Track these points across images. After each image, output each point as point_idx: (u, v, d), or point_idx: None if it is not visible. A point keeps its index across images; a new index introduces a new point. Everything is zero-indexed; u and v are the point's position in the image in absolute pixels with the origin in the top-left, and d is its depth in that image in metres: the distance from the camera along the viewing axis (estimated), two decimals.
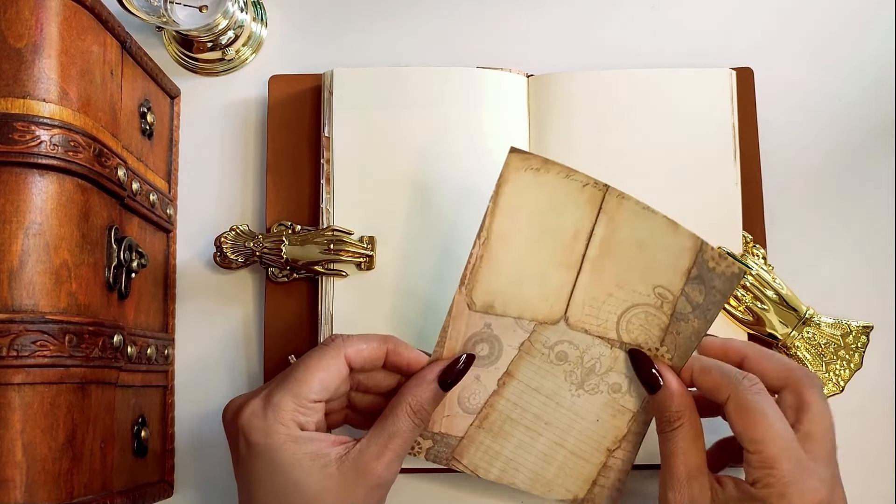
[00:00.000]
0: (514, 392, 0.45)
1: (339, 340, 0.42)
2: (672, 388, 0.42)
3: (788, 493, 0.38)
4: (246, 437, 0.39)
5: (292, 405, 0.39)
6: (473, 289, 0.43)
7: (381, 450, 0.40)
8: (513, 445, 0.45)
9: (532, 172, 0.41)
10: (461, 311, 0.43)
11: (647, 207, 0.41)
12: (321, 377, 0.40)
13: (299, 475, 0.38)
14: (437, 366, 0.42)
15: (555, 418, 0.45)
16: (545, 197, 0.41)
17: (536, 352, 0.44)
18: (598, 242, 0.42)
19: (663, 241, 0.41)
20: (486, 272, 0.42)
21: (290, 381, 0.40)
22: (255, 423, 0.39)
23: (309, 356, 0.41)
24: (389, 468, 0.40)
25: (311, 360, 0.41)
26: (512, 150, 0.41)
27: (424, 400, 0.41)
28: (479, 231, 0.42)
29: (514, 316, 0.43)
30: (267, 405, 0.39)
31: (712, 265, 0.40)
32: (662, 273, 0.42)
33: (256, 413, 0.39)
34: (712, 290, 0.41)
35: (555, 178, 0.41)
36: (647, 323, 0.43)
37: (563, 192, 0.41)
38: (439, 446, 0.45)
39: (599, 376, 0.44)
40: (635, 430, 0.45)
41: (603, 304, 0.43)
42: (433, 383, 0.42)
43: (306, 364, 0.40)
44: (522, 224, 0.42)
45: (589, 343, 0.44)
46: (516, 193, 0.41)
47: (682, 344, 0.42)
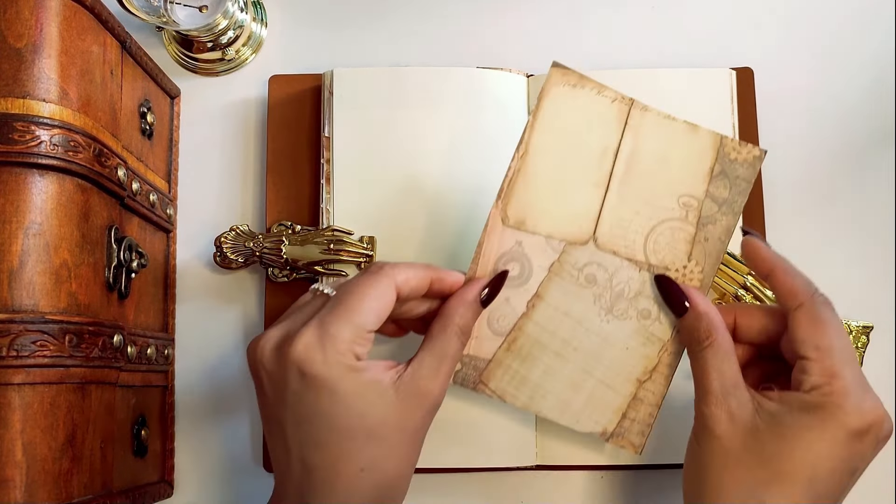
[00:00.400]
0: (544, 315, 0.44)
1: (389, 268, 0.40)
2: (699, 309, 0.41)
3: (847, 405, 0.37)
4: (302, 369, 0.37)
5: (350, 336, 0.37)
6: (509, 203, 0.44)
7: (435, 372, 0.39)
8: (540, 371, 0.45)
9: (569, 87, 0.43)
10: (495, 226, 0.44)
11: (668, 116, 0.43)
12: (376, 307, 0.38)
13: (362, 405, 0.37)
14: (476, 285, 0.42)
15: (584, 344, 0.44)
16: (579, 112, 0.44)
17: (566, 273, 0.44)
18: (624, 158, 0.44)
19: (686, 145, 0.43)
20: (522, 186, 0.44)
21: (343, 310, 0.38)
22: (312, 355, 0.37)
23: (359, 284, 0.39)
24: (443, 389, 0.40)
25: (363, 288, 0.38)
26: (554, 64, 0.43)
27: (469, 319, 0.41)
28: (518, 145, 0.43)
29: (544, 234, 0.44)
30: (324, 336, 0.37)
31: (734, 156, 0.43)
32: (686, 180, 0.43)
33: (312, 345, 0.37)
34: (737, 180, 0.43)
35: (588, 94, 0.43)
36: (674, 239, 0.44)
37: (594, 108, 0.43)
38: (467, 369, 0.45)
39: (628, 301, 0.44)
40: (667, 362, 0.44)
41: (630, 224, 0.44)
42: (475, 302, 0.41)
43: (360, 293, 0.38)
44: (557, 140, 0.44)
45: (617, 265, 0.44)
46: (554, 108, 0.43)
47: (712, 249, 0.43)
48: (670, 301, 0.43)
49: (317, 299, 0.40)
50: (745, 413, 0.39)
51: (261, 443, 0.52)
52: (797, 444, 0.37)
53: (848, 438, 0.37)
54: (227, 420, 0.52)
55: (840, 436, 0.37)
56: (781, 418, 0.38)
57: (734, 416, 0.39)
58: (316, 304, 0.40)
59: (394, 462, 0.38)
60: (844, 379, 0.37)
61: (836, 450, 0.37)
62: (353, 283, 0.39)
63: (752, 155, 0.43)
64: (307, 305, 0.40)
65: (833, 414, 0.37)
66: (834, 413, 0.37)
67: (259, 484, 0.52)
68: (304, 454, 0.38)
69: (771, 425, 0.38)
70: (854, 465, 0.38)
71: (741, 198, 0.43)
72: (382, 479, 0.38)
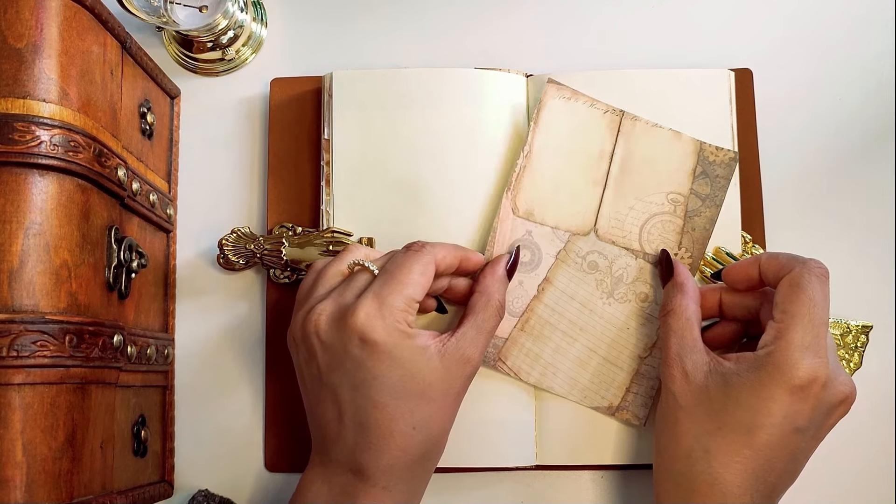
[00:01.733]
0: (552, 298, 0.49)
1: (430, 247, 0.44)
2: (676, 279, 0.46)
3: (785, 362, 0.40)
4: (364, 336, 0.41)
5: (403, 305, 0.42)
6: (517, 195, 0.50)
7: (476, 343, 0.44)
8: (551, 350, 0.49)
9: (564, 100, 0.50)
10: (507, 215, 0.49)
11: (655, 124, 0.50)
12: (422, 281, 0.43)
13: (415, 368, 0.41)
14: (501, 260, 0.47)
15: (589, 325, 0.49)
16: (575, 121, 0.50)
17: (571, 260, 0.49)
18: (618, 161, 0.50)
19: (670, 149, 0.50)
20: (528, 181, 0.50)
21: (396, 283, 0.42)
22: (373, 322, 0.41)
23: (406, 259, 0.43)
24: (481, 356, 0.44)
25: (411, 263, 0.43)
26: (549, 80, 0.50)
27: (504, 294, 0.46)
28: (523, 146, 0.50)
29: (551, 225, 0.50)
30: (382, 307, 0.41)
31: (712, 158, 0.50)
32: (673, 180, 0.50)
33: (372, 314, 0.41)
34: (717, 179, 0.50)
35: (582, 106, 0.50)
36: (665, 230, 0.49)
37: (589, 118, 0.50)
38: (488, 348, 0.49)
39: (627, 285, 0.49)
40: None
41: (626, 217, 0.50)
42: (504, 276, 0.47)
43: (408, 267, 0.43)
44: (557, 143, 0.50)
45: (616, 254, 0.49)
46: (552, 116, 0.50)
47: (698, 238, 0.49)
48: (662, 270, 0.48)
49: (361, 275, 0.44)
50: (699, 373, 0.43)
51: (261, 443, 0.52)
52: (740, 399, 0.41)
53: (785, 394, 0.40)
54: (227, 420, 0.52)
55: (777, 392, 0.40)
56: (731, 377, 0.41)
57: (688, 375, 0.43)
58: (363, 280, 0.44)
59: (439, 421, 0.43)
60: (790, 338, 0.40)
61: (775, 405, 0.40)
62: (401, 259, 0.43)
63: (728, 157, 0.50)
64: (353, 281, 0.44)
65: (772, 371, 0.40)
66: (773, 370, 0.40)
67: (259, 484, 0.52)
68: (361, 416, 0.41)
69: (721, 384, 0.42)
70: (796, 423, 0.40)
71: (721, 193, 0.50)
72: (429, 436, 0.42)
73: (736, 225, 0.51)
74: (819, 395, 0.40)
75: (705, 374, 0.42)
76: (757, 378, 0.40)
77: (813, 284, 0.41)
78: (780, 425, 0.40)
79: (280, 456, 0.51)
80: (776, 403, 0.40)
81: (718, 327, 0.47)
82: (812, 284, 0.41)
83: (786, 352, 0.40)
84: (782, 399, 0.40)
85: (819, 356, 0.40)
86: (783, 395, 0.40)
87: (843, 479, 0.51)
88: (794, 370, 0.40)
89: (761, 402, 0.40)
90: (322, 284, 0.45)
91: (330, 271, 0.45)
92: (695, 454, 0.42)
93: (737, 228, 0.51)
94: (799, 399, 0.40)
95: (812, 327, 0.40)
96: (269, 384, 0.52)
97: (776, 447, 0.41)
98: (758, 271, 0.44)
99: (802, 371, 0.40)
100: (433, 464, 0.44)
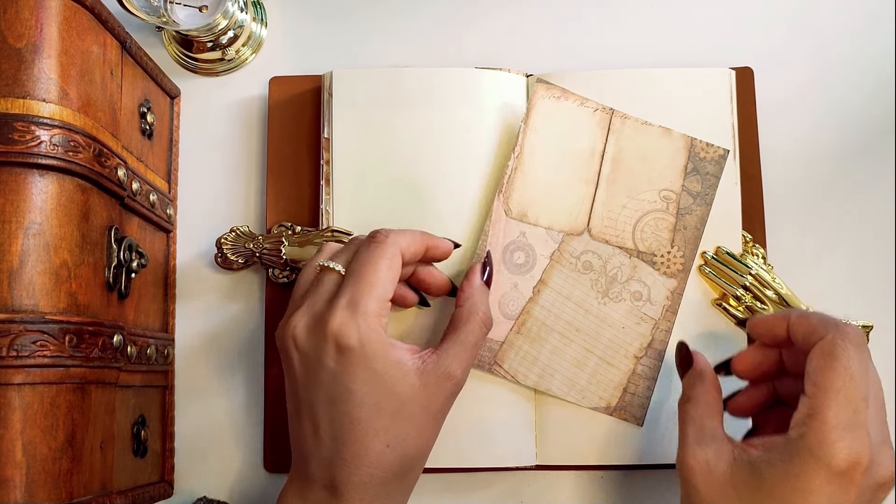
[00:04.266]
0: (548, 299, 0.49)
1: (393, 236, 0.42)
2: (696, 366, 0.43)
3: (820, 445, 0.35)
4: (339, 343, 0.39)
5: (376, 307, 0.40)
6: (510, 197, 0.49)
7: (460, 359, 0.42)
8: (548, 351, 0.49)
9: (554, 100, 0.50)
10: (499, 217, 0.49)
11: (646, 122, 0.50)
12: (391, 276, 0.41)
13: (391, 384, 0.39)
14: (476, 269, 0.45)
15: (585, 325, 0.49)
16: (565, 120, 0.50)
17: (565, 261, 0.49)
18: (609, 159, 0.50)
19: (661, 147, 0.50)
20: (520, 183, 0.50)
21: (365, 284, 0.40)
22: (348, 331, 0.39)
23: (371, 255, 0.41)
24: (466, 373, 0.42)
25: (376, 258, 0.41)
26: (538, 80, 0.50)
27: (487, 305, 0.44)
28: (514, 147, 0.50)
29: (544, 226, 0.50)
30: (356, 312, 0.39)
31: (703, 155, 0.50)
32: (664, 177, 0.50)
33: (347, 321, 0.39)
34: (707, 176, 0.50)
35: (572, 105, 0.50)
36: (657, 228, 0.49)
37: (579, 117, 0.50)
38: (482, 350, 0.49)
39: (622, 284, 0.49)
40: (659, 339, 0.49)
41: (619, 216, 0.50)
42: (484, 287, 0.45)
43: (374, 265, 0.40)
44: (548, 143, 0.50)
45: (610, 253, 0.49)
46: (542, 117, 0.50)
47: (690, 236, 0.49)
48: (680, 360, 0.44)
49: (327, 277, 0.42)
50: (723, 463, 0.38)
51: (261, 443, 0.52)
52: (774, 491, 0.36)
53: (824, 483, 0.35)
54: (227, 420, 0.52)
55: (816, 482, 0.35)
56: (761, 467, 0.37)
57: (710, 466, 0.39)
58: (330, 282, 0.42)
59: (416, 439, 0.41)
60: (825, 417, 0.35)
61: (814, 497, 0.35)
62: (365, 256, 0.41)
63: (718, 154, 0.50)
64: (321, 285, 0.42)
65: (807, 457, 0.35)
66: (808, 456, 0.35)
67: (259, 484, 0.52)
68: (336, 431, 0.40)
69: (750, 474, 0.37)
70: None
71: (712, 191, 0.50)
72: (404, 454, 0.40)
73: (736, 224, 0.51)
74: (861, 482, 0.35)
75: (729, 464, 0.38)
76: (791, 466, 0.36)
77: (849, 353, 0.36)
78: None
79: (280, 456, 0.51)
80: (815, 495, 0.35)
81: (743, 395, 0.44)
82: (847, 353, 0.36)
83: (821, 433, 0.35)
84: (821, 489, 0.35)
85: (859, 437, 0.35)
86: (822, 484, 0.35)
87: None
88: (832, 455, 0.35)
89: (798, 494, 0.35)
90: (297, 291, 0.43)
91: (303, 277, 0.44)
92: None
93: (737, 228, 0.51)
94: (840, 488, 0.35)
95: (849, 403, 0.35)
96: (269, 384, 0.52)
97: None
98: (786, 330, 0.40)
99: (841, 456, 0.35)
100: (412, 481, 0.42)
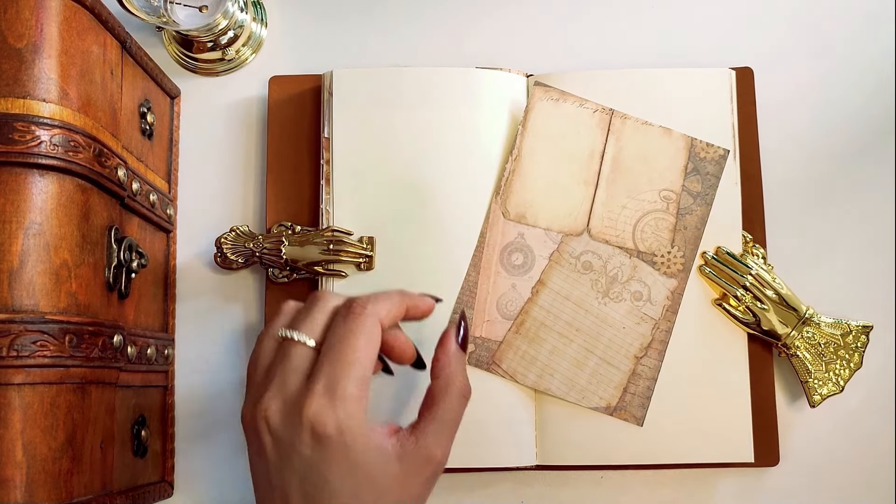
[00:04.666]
0: (547, 299, 0.49)
1: (371, 306, 0.39)
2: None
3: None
4: (317, 432, 0.36)
5: (357, 391, 0.37)
6: (507, 199, 0.50)
7: (440, 438, 0.38)
8: (547, 351, 0.49)
9: (552, 102, 0.50)
10: (497, 219, 0.49)
11: (646, 122, 0.50)
12: (370, 353, 0.38)
13: (371, 473, 0.37)
14: (451, 336, 0.42)
15: (584, 325, 0.49)
16: (564, 122, 0.50)
17: (565, 261, 0.49)
18: (609, 160, 0.50)
19: (661, 147, 0.50)
20: (518, 185, 0.50)
21: (343, 364, 0.37)
22: (325, 419, 0.36)
23: (348, 332, 0.37)
24: (447, 451, 0.39)
25: (356, 335, 0.38)
26: (536, 82, 0.51)
27: (464, 373, 0.41)
28: (512, 150, 0.50)
29: (543, 227, 0.50)
30: (333, 397, 0.36)
31: (703, 155, 0.50)
32: (665, 177, 0.50)
33: (324, 408, 0.36)
34: (707, 176, 0.50)
35: (571, 106, 0.50)
36: (658, 228, 0.49)
37: (578, 118, 0.50)
38: (480, 350, 0.49)
39: (622, 284, 0.49)
40: (659, 339, 0.49)
41: (619, 216, 0.50)
42: (459, 351, 0.41)
43: (353, 343, 0.37)
44: (547, 145, 0.50)
45: (610, 253, 0.49)
46: (540, 119, 0.50)
47: (691, 237, 0.49)
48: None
49: (296, 351, 0.38)
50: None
51: None
52: None
53: None
54: (227, 420, 0.52)
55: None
56: None
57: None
58: (301, 358, 0.38)
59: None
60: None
61: None
62: (342, 331, 0.38)
63: (718, 154, 0.50)
64: (289, 360, 0.38)
65: None
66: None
67: None
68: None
69: None
70: None
71: (711, 192, 0.50)
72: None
73: (736, 224, 0.51)
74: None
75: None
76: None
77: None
78: None
79: None
80: None
81: None
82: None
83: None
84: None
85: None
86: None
87: (843, 478, 0.51)
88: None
89: None
90: (258, 363, 0.40)
91: (263, 347, 0.40)
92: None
93: (737, 228, 0.51)
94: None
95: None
96: None
97: None
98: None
99: None
100: None
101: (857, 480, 0.51)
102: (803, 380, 0.49)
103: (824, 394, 0.49)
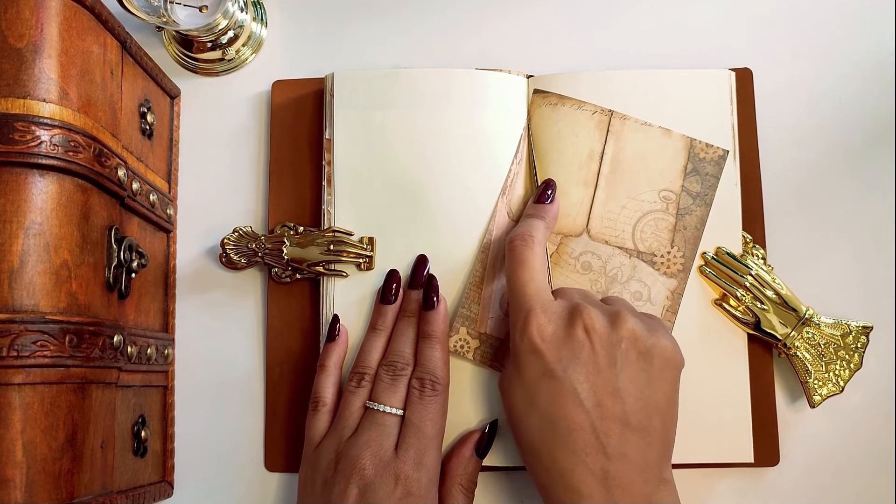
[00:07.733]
0: None
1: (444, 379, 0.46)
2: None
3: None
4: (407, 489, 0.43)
5: (435, 460, 0.44)
6: (511, 199, 0.50)
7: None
8: None
9: (551, 107, 0.51)
10: (503, 219, 0.50)
11: (645, 122, 0.50)
12: (443, 424, 0.46)
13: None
14: (470, 440, 0.47)
15: None
16: (564, 124, 0.51)
17: (564, 262, 0.50)
18: (608, 160, 0.50)
19: (661, 147, 0.50)
20: (521, 187, 0.50)
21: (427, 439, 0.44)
22: (416, 483, 0.43)
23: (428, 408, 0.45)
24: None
25: (435, 414, 0.45)
26: (535, 90, 0.51)
27: (471, 474, 0.46)
28: (516, 153, 0.51)
29: None
30: (420, 466, 0.44)
31: (703, 155, 0.50)
32: (664, 177, 0.50)
33: (413, 473, 0.43)
34: (707, 176, 0.50)
35: (569, 109, 0.51)
36: (657, 228, 0.50)
37: (577, 120, 0.51)
38: (485, 346, 0.49)
39: (622, 284, 0.49)
40: None
41: (618, 217, 0.50)
42: (473, 457, 0.47)
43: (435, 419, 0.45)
44: (549, 148, 0.51)
45: (610, 253, 0.50)
46: (541, 123, 0.51)
47: (690, 237, 0.50)
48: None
49: (384, 419, 0.45)
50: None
51: (261, 443, 0.52)
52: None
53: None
54: (227, 420, 0.52)
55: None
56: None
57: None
58: (391, 424, 0.45)
59: None
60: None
61: None
62: (423, 411, 0.45)
63: (718, 154, 0.50)
64: (380, 427, 0.45)
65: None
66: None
67: (259, 484, 0.52)
68: None
69: None
70: None
71: (711, 192, 0.50)
72: None
73: (736, 224, 0.51)
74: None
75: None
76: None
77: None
78: None
79: (280, 456, 0.51)
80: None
81: None
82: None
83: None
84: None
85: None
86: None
87: (843, 478, 0.51)
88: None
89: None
90: (347, 418, 0.46)
91: (352, 406, 0.46)
92: None
93: (737, 228, 0.51)
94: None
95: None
96: (269, 384, 0.52)
97: None
98: None
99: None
100: None
101: (857, 480, 0.51)
102: (803, 380, 0.49)
103: (824, 394, 0.49)
